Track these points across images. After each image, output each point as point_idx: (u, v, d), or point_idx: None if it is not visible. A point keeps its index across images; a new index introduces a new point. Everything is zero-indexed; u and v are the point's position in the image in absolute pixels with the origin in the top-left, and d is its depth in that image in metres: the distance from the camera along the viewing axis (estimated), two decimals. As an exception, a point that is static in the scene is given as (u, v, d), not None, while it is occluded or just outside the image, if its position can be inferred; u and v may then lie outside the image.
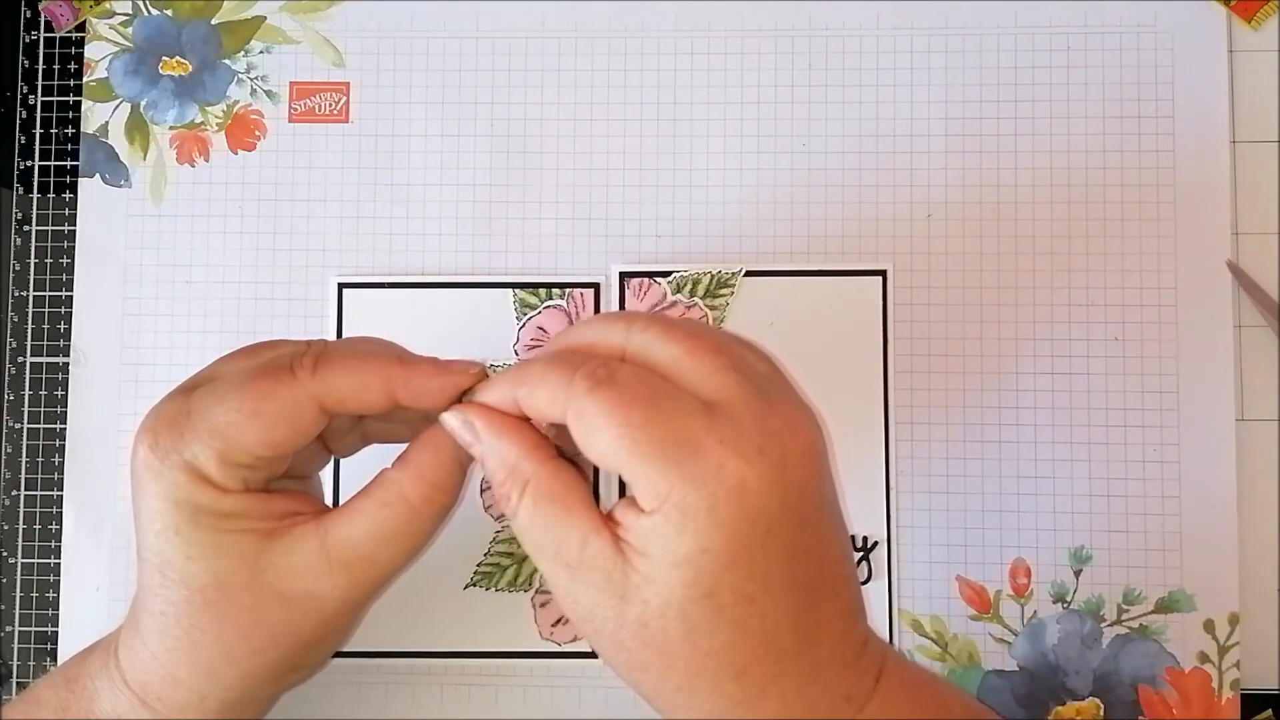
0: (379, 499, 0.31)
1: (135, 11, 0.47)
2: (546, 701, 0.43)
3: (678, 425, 0.27)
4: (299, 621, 0.30)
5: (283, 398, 0.30)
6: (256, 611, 0.30)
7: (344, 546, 0.30)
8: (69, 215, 0.46)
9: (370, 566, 0.30)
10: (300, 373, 0.30)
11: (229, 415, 0.30)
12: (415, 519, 0.31)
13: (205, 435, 0.30)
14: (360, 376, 0.30)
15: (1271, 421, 0.44)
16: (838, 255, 0.45)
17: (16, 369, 0.46)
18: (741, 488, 0.27)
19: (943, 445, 0.44)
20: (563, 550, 0.28)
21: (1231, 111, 0.45)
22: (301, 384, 0.30)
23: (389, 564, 0.31)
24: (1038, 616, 0.43)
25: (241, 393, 0.30)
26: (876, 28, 0.46)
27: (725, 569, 0.27)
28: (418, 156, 0.46)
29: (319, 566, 0.30)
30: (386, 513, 0.31)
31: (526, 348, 0.45)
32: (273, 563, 0.30)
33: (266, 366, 0.30)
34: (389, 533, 0.31)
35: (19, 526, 0.45)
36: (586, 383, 0.28)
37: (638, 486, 0.27)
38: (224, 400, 0.30)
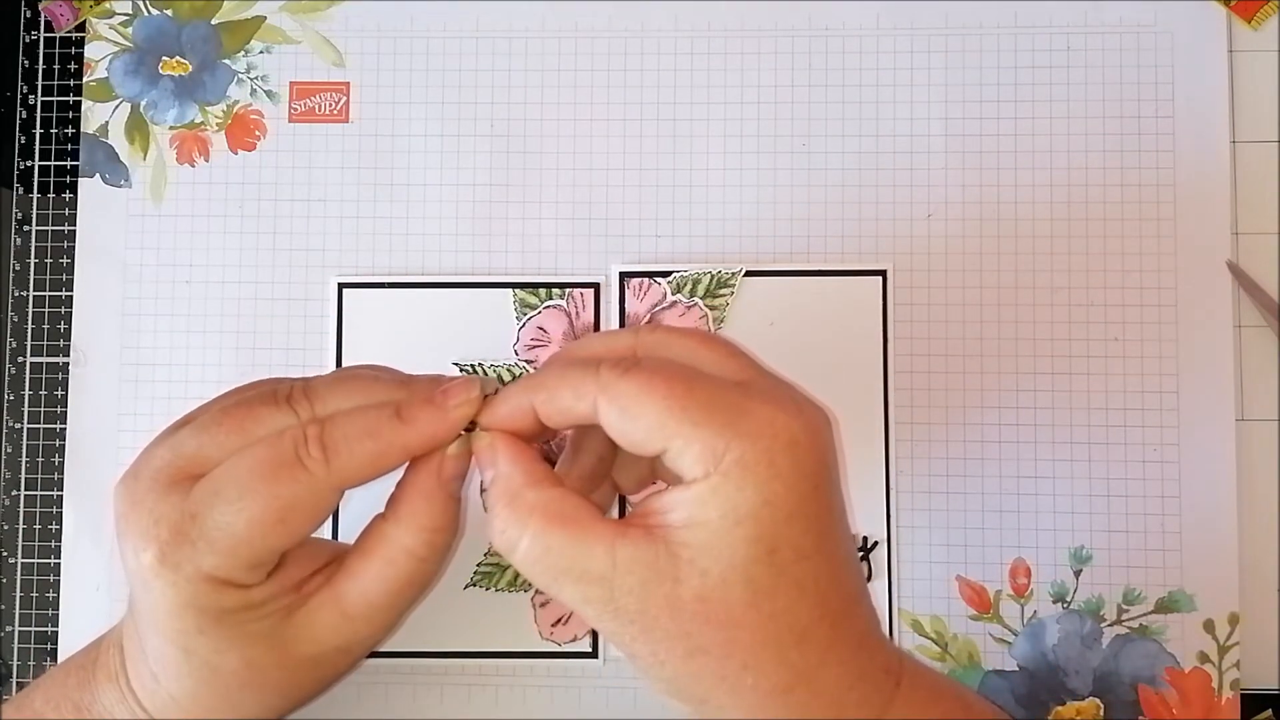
0: (384, 557, 0.31)
1: (135, 11, 0.47)
2: (546, 701, 0.43)
3: (719, 392, 0.28)
4: (335, 666, 0.33)
5: (302, 499, 0.29)
6: (293, 677, 0.32)
7: (360, 604, 0.31)
8: (69, 215, 0.46)
9: (390, 614, 0.32)
10: (311, 465, 0.29)
11: (248, 525, 0.29)
12: (422, 566, 0.32)
13: (225, 547, 0.29)
14: (368, 448, 0.30)
15: (1271, 421, 0.44)
16: (838, 255, 0.45)
17: (16, 369, 0.46)
18: (794, 442, 0.28)
19: (943, 445, 0.44)
20: (590, 565, 0.28)
21: (1231, 111, 0.45)
22: (317, 477, 0.30)
23: (408, 605, 0.33)
24: (1038, 616, 0.43)
25: (254, 496, 0.29)
26: (876, 28, 0.46)
27: (785, 522, 0.27)
28: (418, 156, 0.46)
29: (343, 627, 0.31)
30: (394, 570, 0.31)
31: (526, 348, 0.45)
32: (298, 635, 0.31)
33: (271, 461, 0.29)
34: (401, 584, 0.31)
35: (19, 526, 0.45)
36: (615, 370, 0.29)
37: (688, 454, 0.28)
38: (236, 504, 0.29)
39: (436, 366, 0.44)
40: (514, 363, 0.44)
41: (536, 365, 0.44)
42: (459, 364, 0.44)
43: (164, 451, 0.31)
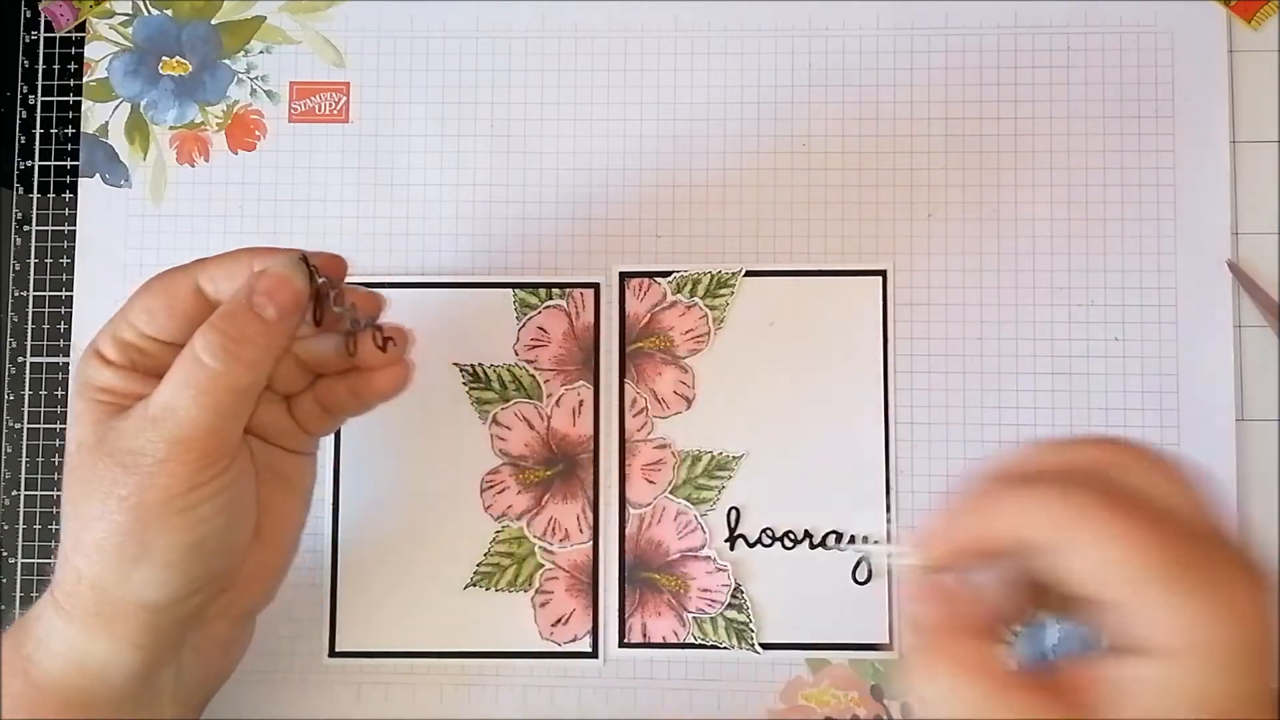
0: (181, 354, 0.32)
1: (135, 11, 0.47)
2: (546, 701, 0.43)
3: (1198, 546, 0.24)
4: (123, 478, 0.31)
5: (165, 276, 0.35)
6: (95, 470, 0.32)
7: (154, 403, 0.32)
8: (69, 215, 0.46)
9: (168, 415, 0.31)
10: (186, 263, 0.35)
11: (130, 298, 0.34)
12: (198, 366, 0.32)
13: (111, 319, 0.34)
14: (228, 255, 0.34)
15: (1271, 421, 0.44)
16: (838, 255, 0.45)
17: (16, 369, 0.46)
18: (1266, 627, 0.24)
19: (943, 445, 0.44)
20: None
21: (1231, 111, 0.45)
22: (183, 267, 0.35)
23: (184, 412, 0.31)
24: (1038, 617, 0.43)
25: (149, 286, 0.34)
26: (876, 28, 0.46)
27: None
28: (418, 156, 0.46)
29: (139, 424, 0.32)
30: (179, 364, 0.32)
31: (526, 348, 0.45)
32: (114, 426, 0.32)
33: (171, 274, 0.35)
34: (179, 381, 0.32)
35: (19, 526, 0.45)
36: (1085, 496, 0.25)
37: (1150, 617, 0.24)
38: (140, 290, 0.35)
39: (437, 367, 0.44)
40: (514, 362, 0.44)
41: (536, 365, 0.44)
42: (459, 364, 0.44)
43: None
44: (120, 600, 0.32)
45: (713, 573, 0.43)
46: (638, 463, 0.44)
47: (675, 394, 0.44)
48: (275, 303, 0.33)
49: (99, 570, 0.32)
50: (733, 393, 0.44)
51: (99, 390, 0.33)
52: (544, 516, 0.44)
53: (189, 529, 0.32)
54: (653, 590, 0.43)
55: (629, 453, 0.44)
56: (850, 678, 0.43)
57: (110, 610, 0.32)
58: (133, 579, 0.32)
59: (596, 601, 0.43)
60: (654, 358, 0.44)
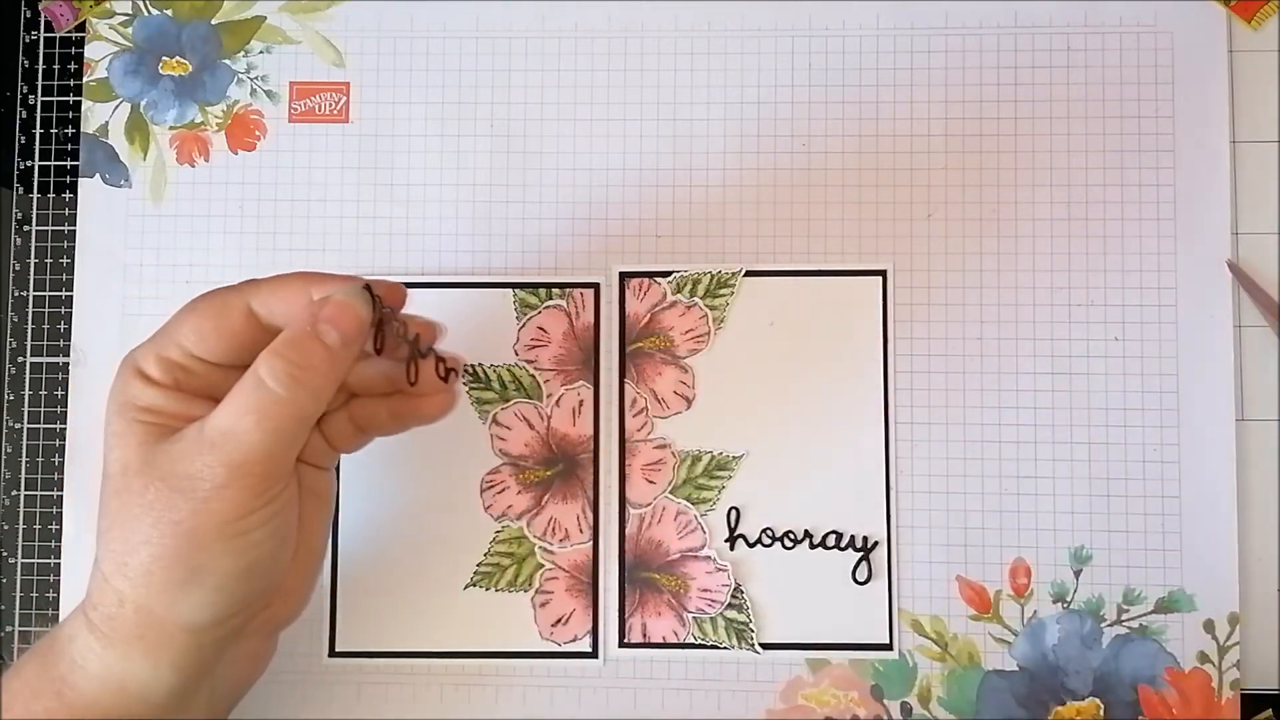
0: (241, 380, 0.32)
1: (135, 11, 0.47)
2: (546, 701, 0.43)
3: None
4: (177, 504, 0.31)
5: (215, 296, 0.34)
6: (146, 495, 0.31)
7: (212, 425, 0.31)
8: (69, 215, 0.46)
9: (229, 439, 0.31)
10: (237, 283, 0.34)
11: (175, 316, 0.34)
12: (262, 391, 0.31)
13: (154, 336, 0.34)
14: (282, 278, 0.34)
15: (1271, 421, 0.44)
16: (838, 255, 0.45)
17: (16, 369, 0.46)
18: None
19: (943, 445, 0.44)
20: None
21: (1231, 111, 0.45)
22: (234, 288, 0.34)
23: (246, 437, 0.31)
24: (1038, 616, 0.43)
25: (193, 298, 0.34)
26: (876, 28, 0.46)
27: None
28: (418, 156, 0.46)
29: (194, 448, 0.31)
30: (241, 387, 0.32)
31: (526, 348, 0.45)
32: (164, 450, 0.32)
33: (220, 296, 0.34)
34: (241, 405, 0.31)
35: (19, 526, 0.45)
36: None
37: None
38: (179, 308, 0.34)
39: (436, 366, 0.44)
40: (514, 363, 0.44)
41: (536, 365, 0.44)
42: (459, 364, 0.44)
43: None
44: (165, 623, 0.32)
45: (713, 573, 0.43)
46: (638, 463, 0.44)
47: (675, 394, 0.44)
48: (340, 330, 0.33)
49: (146, 595, 0.31)
50: (733, 393, 0.44)
51: (142, 410, 0.33)
52: (544, 516, 0.44)
53: (241, 553, 0.32)
54: (653, 590, 0.43)
55: (629, 453, 0.44)
56: (850, 678, 0.43)
57: (154, 634, 0.32)
58: (181, 603, 0.32)
59: (596, 601, 0.43)
60: (654, 358, 0.44)
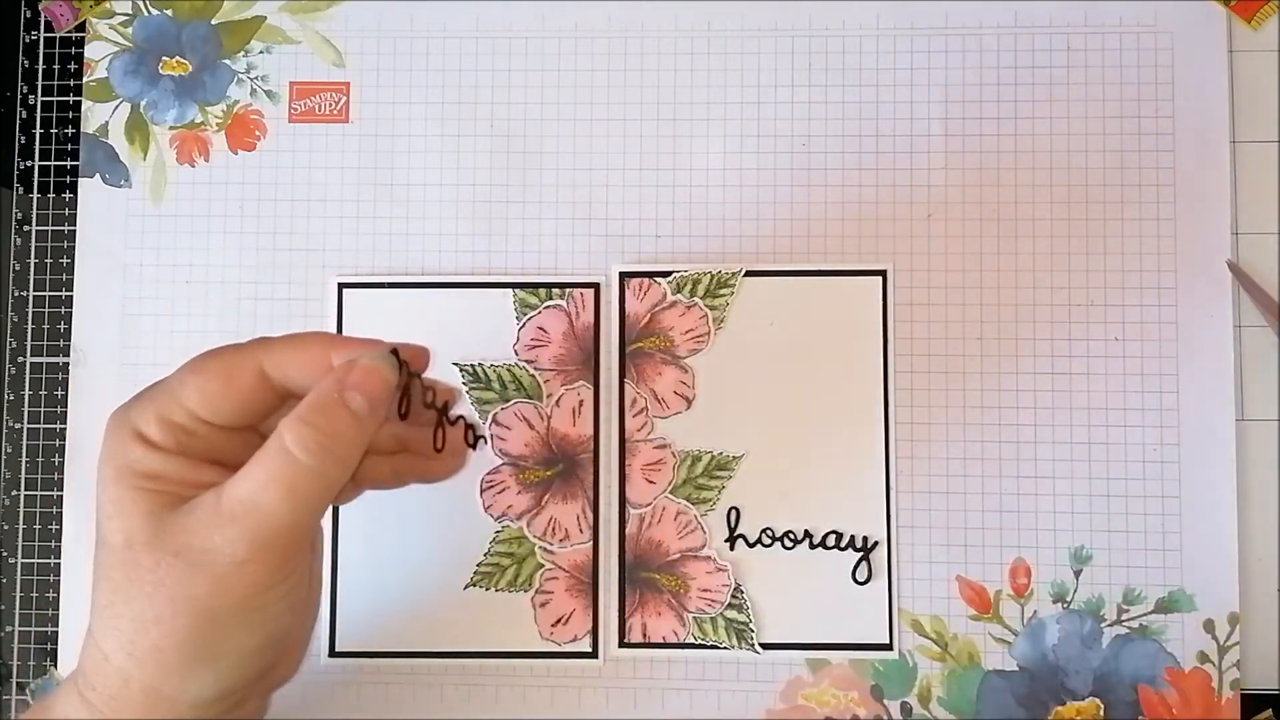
0: (265, 450, 0.30)
1: (135, 11, 0.47)
2: (546, 701, 0.43)
3: None
4: (193, 581, 0.29)
5: (224, 356, 0.32)
6: (156, 571, 0.29)
7: (232, 496, 0.30)
8: (69, 215, 0.46)
9: (252, 513, 0.29)
10: (246, 342, 0.32)
11: (177, 374, 0.32)
12: (290, 462, 0.30)
13: (152, 394, 0.31)
14: (298, 340, 0.32)
15: (1271, 421, 0.44)
16: (838, 255, 0.45)
17: (16, 369, 0.46)
18: None
19: (943, 445, 0.44)
20: None
21: (1231, 111, 0.45)
22: (244, 347, 0.32)
23: (272, 511, 0.29)
24: (1038, 616, 0.43)
25: (197, 356, 0.32)
26: (876, 28, 0.46)
27: None
28: (418, 156, 0.46)
29: (211, 520, 0.29)
30: (265, 456, 0.30)
31: (526, 348, 0.45)
32: (175, 521, 0.30)
33: (229, 355, 0.32)
34: (267, 476, 0.30)
35: (19, 526, 0.45)
36: None
37: None
38: (182, 366, 0.32)
39: (436, 367, 0.44)
40: (514, 362, 0.44)
41: (536, 365, 0.45)
42: (459, 364, 0.44)
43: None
44: (174, 702, 0.30)
45: (713, 573, 0.43)
46: (638, 463, 0.44)
47: (675, 394, 0.44)
48: (367, 396, 0.31)
49: (155, 675, 0.30)
50: (733, 393, 0.44)
51: (144, 477, 0.30)
52: (544, 516, 0.44)
53: (260, 628, 0.30)
54: (653, 590, 0.43)
55: (629, 453, 0.44)
56: (850, 678, 0.43)
57: (161, 712, 0.30)
58: (191, 682, 0.30)
59: (596, 601, 0.43)
60: (654, 358, 0.44)
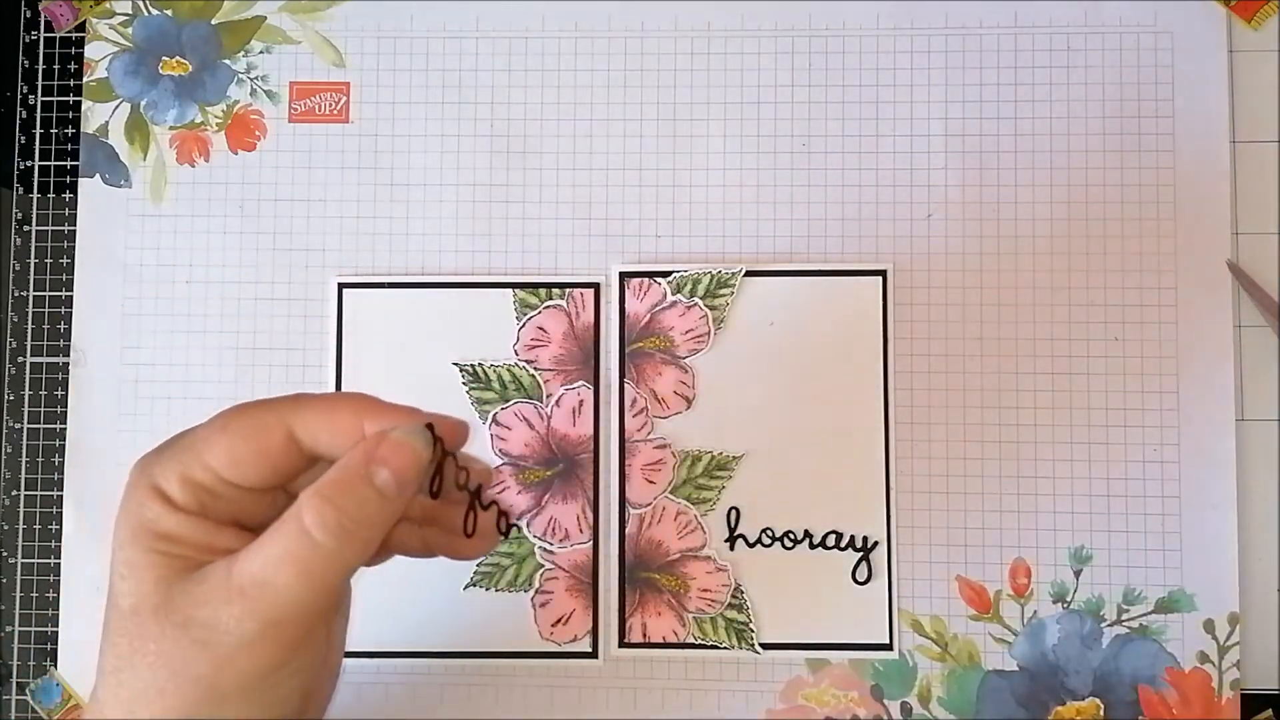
0: (281, 527, 0.28)
1: (135, 11, 0.47)
2: (546, 701, 0.43)
3: None
4: (196, 656, 0.28)
5: (253, 415, 0.29)
6: (161, 642, 0.28)
7: (244, 571, 0.28)
8: (69, 215, 0.46)
9: (264, 591, 0.28)
10: (276, 399, 0.30)
11: (202, 430, 0.29)
12: (306, 541, 0.28)
13: (175, 451, 0.29)
14: (332, 403, 0.30)
15: (1271, 421, 0.44)
16: (838, 255, 0.45)
17: (16, 369, 0.46)
18: None
19: (943, 445, 0.44)
20: None
21: (1231, 111, 0.45)
22: (274, 406, 0.30)
23: (285, 591, 0.28)
24: (1038, 616, 0.43)
25: (222, 412, 0.30)
26: (876, 28, 0.46)
27: None
28: (418, 156, 0.46)
29: (220, 593, 0.28)
30: (281, 532, 0.28)
31: (526, 348, 0.45)
32: (185, 590, 0.28)
33: (257, 419, 0.30)
34: (281, 554, 0.28)
35: (19, 526, 0.45)
36: None
37: None
38: (208, 421, 0.30)
39: (436, 366, 0.44)
40: (514, 362, 0.44)
41: (536, 365, 0.44)
42: (459, 364, 0.44)
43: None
44: None
45: (713, 573, 0.43)
46: (638, 463, 0.44)
47: (675, 394, 0.44)
48: (396, 473, 0.29)
49: None
50: (733, 393, 0.44)
51: (161, 538, 0.29)
52: (544, 516, 0.44)
53: (266, 708, 0.29)
54: (653, 590, 0.43)
55: (629, 453, 0.44)
56: (850, 678, 0.43)
57: None
58: None
59: (596, 601, 0.43)
60: (654, 358, 0.44)
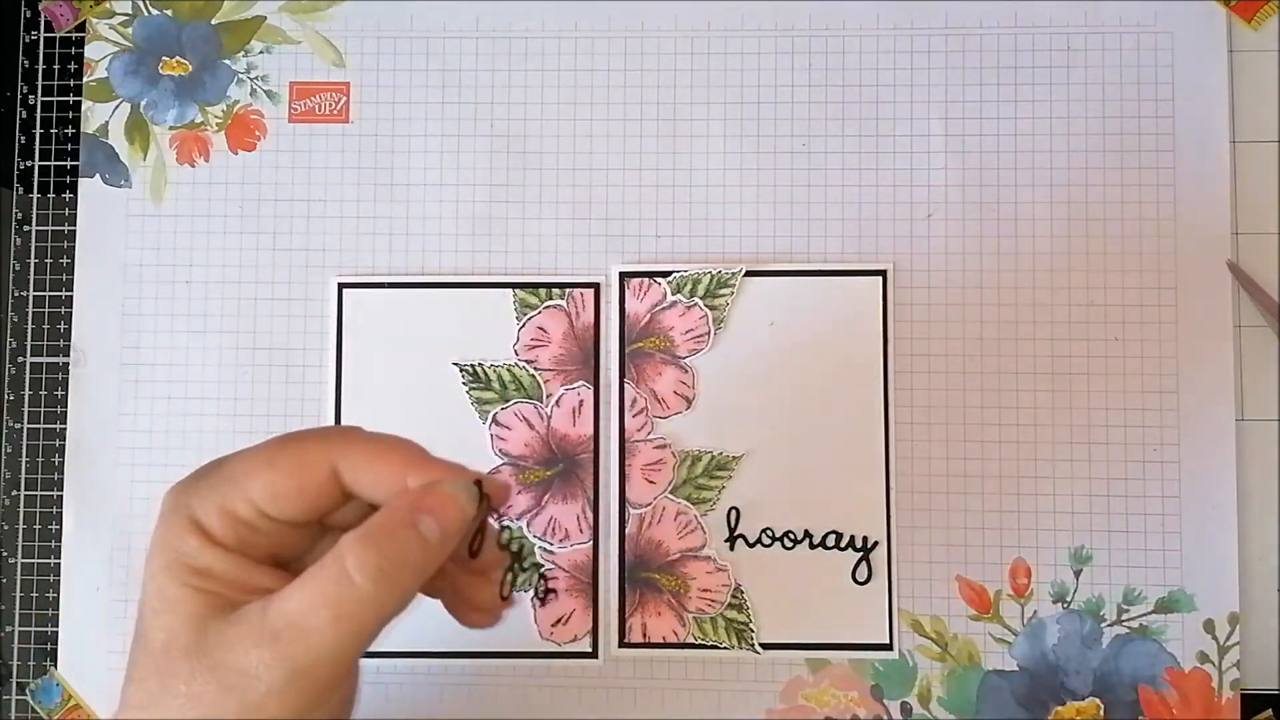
0: (320, 564, 0.28)
1: (135, 11, 0.47)
2: (546, 701, 0.43)
3: None
4: (225, 701, 0.27)
5: (297, 449, 0.29)
6: (192, 684, 0.27)
7: (278, 614, 0.27)
8: (69, 215, 0.46)
9: (297, 636, 0.27)
10: (322, 432, 0.29)
11: (243, 462, 0.29)
12: (345, 584, 0.27)
13: (214, 482, 0.28)
14: (380, 449, 0.29)
15: (1271, 421, 0.44)
16: (838, 255, 0.45)
17: (16, 369, 0.46)
18: None
19: (943, 445, 0.44)
20: None
21: (1231, 111, 0.45)
22: (320, 441, 0.29)
23: (317, 636, 0.27)
24: (1038, 616, 0.43)
25: (265, 444, 0.29)
26: (876, 28, 0.46)
27: None
28: (418, 156, 0.46)
29: (252, 637, 0.27)
30: (320, 574, 0.27)
31: (526, 348, 0.45)
32: (218, 631, 0.27)
33: (298, 450, 0.29)
34: (319, 597, 0.27)
35: (19, 526, 0.45)
36: None
37: None
38: (247, 451, 0.29)
39: (436, 366, 0.44)
40: (514, 362, 0.44)
41: (536, 365, 0.44)
42: (459, 364, 0.44)
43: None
44: None
45: (713, 573, 0.43)
46: (638, 463, 0.44)
47: (675, 394, 0.44)
48: (442, 525, 0.28)
49: None
50: (733, 393, 0.44)
51: (196, 573, 0.28)
52: (544, 516, 0.44)
53: None
54: (653, 590, 0.43)
55: (629, 453, 0.44)
56: (850, 678, 0.43)
57: None
58: None
59: (596, 601, 0.43)
60: (654, 358, 0.44)
